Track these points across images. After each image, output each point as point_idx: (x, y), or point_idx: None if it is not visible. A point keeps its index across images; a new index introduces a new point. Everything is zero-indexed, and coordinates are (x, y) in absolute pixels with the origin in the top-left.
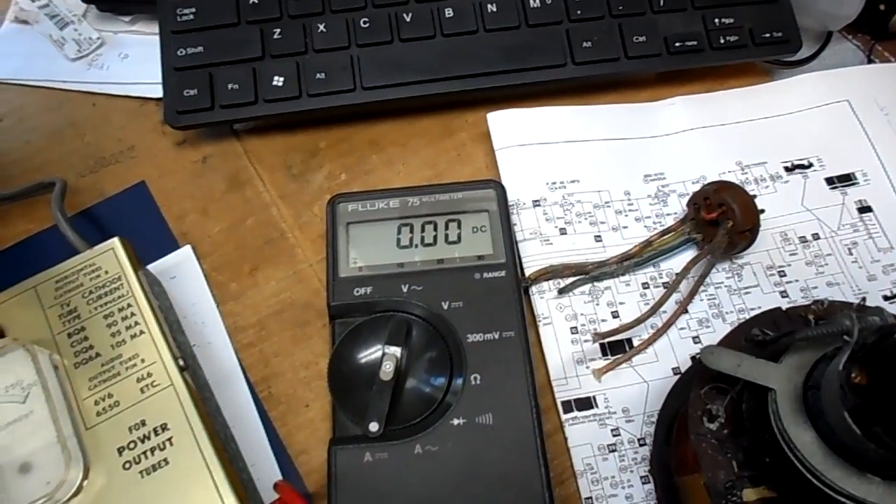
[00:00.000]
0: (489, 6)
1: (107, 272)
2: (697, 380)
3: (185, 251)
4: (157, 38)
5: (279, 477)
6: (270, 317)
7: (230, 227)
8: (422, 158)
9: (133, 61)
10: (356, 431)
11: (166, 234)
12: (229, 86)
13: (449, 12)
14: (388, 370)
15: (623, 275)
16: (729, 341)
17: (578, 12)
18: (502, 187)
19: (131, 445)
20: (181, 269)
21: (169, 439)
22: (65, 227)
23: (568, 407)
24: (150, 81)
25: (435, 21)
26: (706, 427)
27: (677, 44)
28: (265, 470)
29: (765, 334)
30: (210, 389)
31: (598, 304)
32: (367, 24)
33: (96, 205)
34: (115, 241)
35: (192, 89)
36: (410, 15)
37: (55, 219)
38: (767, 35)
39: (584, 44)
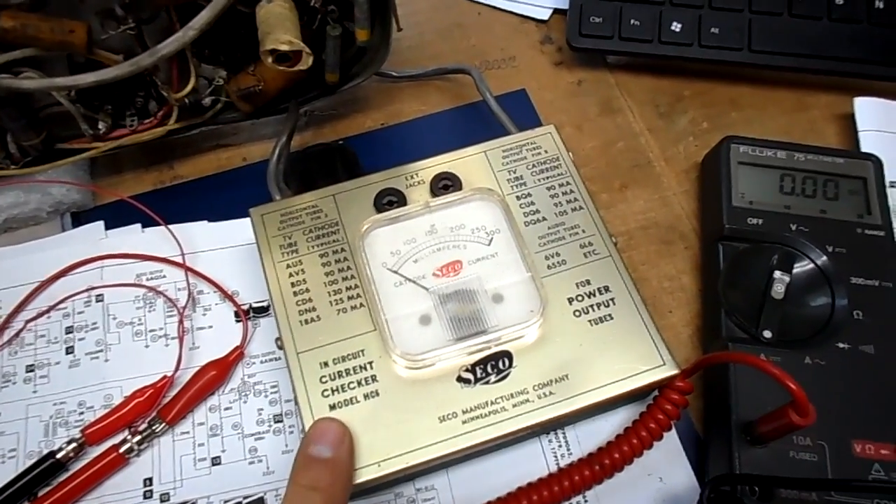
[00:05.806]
0: (878, 2)
1: (546, 151)
2: None
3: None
4: None
5: None
6: (637, 230)
7: (602, 145)
8: (776, 124)
9: None
10: (742, 336)
11: None
12: (632, 21)
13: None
14: (779, 291)
15: None
16: None
17: None
18: (880, 162)
19: (579, 298)
20: None
21: (611, 299)
22: (496, 107)
23: None
24: (532, 3)
25: (826, 4)
26: None
27: None
28: None
29: None
30: None
31: None
32: None
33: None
34: (552, 127)
35: (599, 17)
36: None
37: (485, 98)
38: None
39: None
